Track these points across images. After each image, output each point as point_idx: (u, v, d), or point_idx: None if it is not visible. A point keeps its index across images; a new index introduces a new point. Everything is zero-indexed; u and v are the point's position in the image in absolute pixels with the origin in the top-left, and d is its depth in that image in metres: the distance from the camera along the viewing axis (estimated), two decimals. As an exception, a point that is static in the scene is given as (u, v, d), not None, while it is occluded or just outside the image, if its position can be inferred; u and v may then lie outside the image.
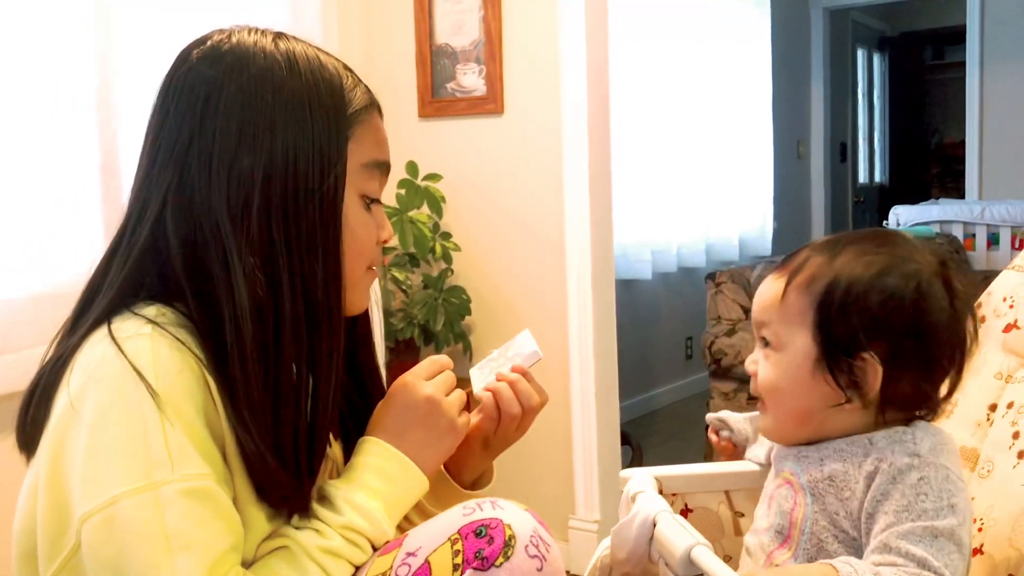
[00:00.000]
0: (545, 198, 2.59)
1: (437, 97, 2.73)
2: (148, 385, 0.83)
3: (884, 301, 0.94)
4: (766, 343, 1.02)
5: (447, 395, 1.04)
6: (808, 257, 1.00)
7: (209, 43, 0.95)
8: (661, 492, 1.13)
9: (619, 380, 2.70)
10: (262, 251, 0.90)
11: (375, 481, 0.96)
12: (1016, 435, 1.13)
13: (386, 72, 2.80)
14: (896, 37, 8.14)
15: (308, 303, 0.91)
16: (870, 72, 7.84)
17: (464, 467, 1.16)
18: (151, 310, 0.88)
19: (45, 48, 1.87)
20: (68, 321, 0.95)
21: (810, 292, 0.97)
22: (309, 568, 0.89)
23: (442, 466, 1.13)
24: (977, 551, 1.06)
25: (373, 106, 1.00)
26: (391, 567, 0.91)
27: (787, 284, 1.00)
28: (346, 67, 1.01)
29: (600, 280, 2.57)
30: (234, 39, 0.95)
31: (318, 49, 0.99)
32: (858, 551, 0.93)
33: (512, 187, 2.64)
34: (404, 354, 2.61)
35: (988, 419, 1.18)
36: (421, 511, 1.11)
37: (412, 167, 2.64)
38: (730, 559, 1.16)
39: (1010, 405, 1.16)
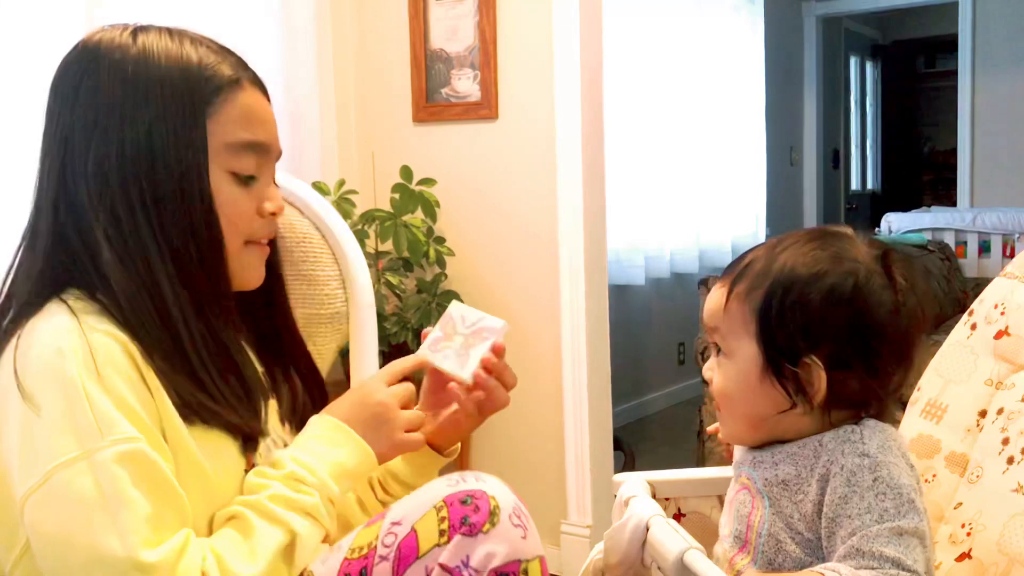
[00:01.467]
0: (539, 203, 2.60)
1: (432, 102, 2.73)
2: (68, 363, 0.85)
3: (822, 305, 0.94)
4: (719, 350, 1.03)
5: (402, 407, 1.07)
6: (748, 264, 1.00)
7: (76, 46, 1.00)
8: (654, 496, 1.13)
9: (611, 385, 2.71)
10: (131, 234, 0.94)
11: (316, 445, 1.00)
12: (1006, 441, 1.14)
13: (381, 77, 2.80)
14: (889, 45, 8.17)
15: (187, 277, 0.95)
16: (863, 80, 7.87)
17: (444, 441, 1.21)
18: (66, 295, 0.92)
19: (45, 51, 1.87)
20: None
21: (750, 301, 0.97)
22: (257, 525, 0.91)
23: None
24: (966, 556, 1.06)
25: (237, 84, 1.00)
26: (377, 537, 0.92)
27: (728, 293, 0.99)
28: (216, 48, 1.02)
29: (593, 285, 2.58)
30: (94, 39, 0.99)
31: (184, 34, 1.01)
32: (814, 551, 0.94)
33: (506, 192, 2.65)
34: (398, 358, 2.60)
35: (978, 425, 1.19)
36: (403, 484, 1.18)
37: (406, 171, 2.64)
38: (722, 563, 1.17)
39: (1000, 411, 1.17)
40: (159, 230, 0.94)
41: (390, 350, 2.55)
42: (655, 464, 3.43)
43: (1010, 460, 1.11)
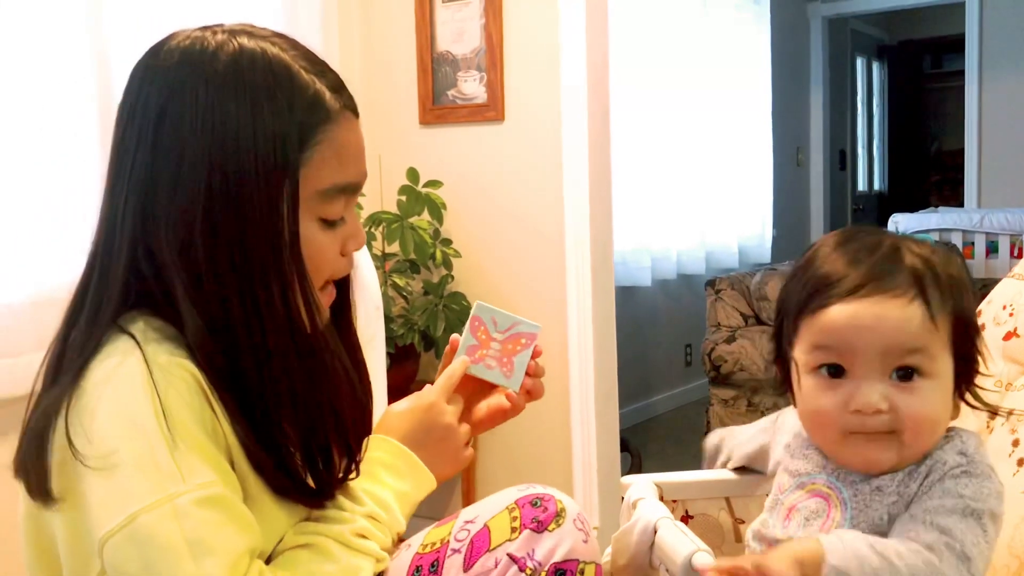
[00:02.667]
0: (545, 205, 2.60)
1: (438, 104, 2.73)
2: (145, 405, 0.83)
3: (973, 306, 0.97)
4: (908, 374, 0.92)
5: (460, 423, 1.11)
6: (913, 267, 0.93)
7: (161, 55, 0.91)
8: (662, 499, 1.13)
9: (618, 386, 2.71)
10: (212, 280, 0.88)
11: (387, 476, 1.03)
12: (1016, 443, 1.14)
13: (387, 79, 2.80)
14: (895, 46, 8.16)
15: (265, 330, 0.89)
16: (869, 80, 7.86)
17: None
18: (139, 326, 0.88)
19: (44, 52, 1.87)
20: (55, 343, 0.93)
21: (946, 314, 0.93)
22: (337, 553, 0.93)
23: None
24: (977, 558, 1.06)
25: (330, 119, 0.92)
26: (450, 533, 0.98)
27: (927, 307, 0.92)
28: (304, 71, 0.92)
29: (600, 286, 2.58)
30: (179, 47, 0.91)
31: (284, 50, 0.93)
32: None
33: (512, 194, 2.65)
34: (404, 360, 2.61)
35: (988, 427, 1.19)
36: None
37: (413, 174, 2.65)
38: (730, 566, 1.16)
39: (1010, 413, 1.16)
40: (244, 283, 0.88)
41: (396, 351, 2.56)
42: (662, 466, 3.42)
43: (1020, 462, 1.11)
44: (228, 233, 0.88)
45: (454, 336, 1.17)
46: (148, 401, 0.83)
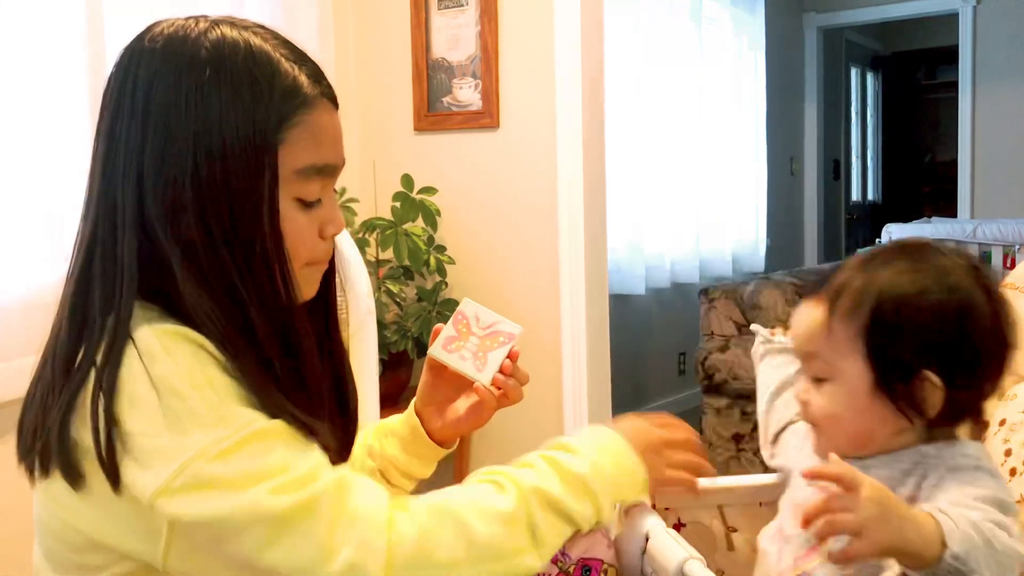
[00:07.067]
0: (540, 212, 2.60)
1: (433, 111, 2.73)
2: (163, 366, 0.83)
3: (932, 320, 0.93)
4: (816, 376, 1.01)
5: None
6: (845, 281, 0.98)
7: (144, 45, 0.93)
8: (654, 506, 1.13)
9: (612, 394, 2.70)
10: (206, 255, 0.90)
11: (611, 467, 1.00)
12: (1008, 452, 1.14)
13: (382, 86, 2.80)
14: (889, 56, 8.19)
15: (263, 299, 0.92)
16: (863, 91, 7.89)
17: (452, 435, 1.21)
18: (153, 314, 0.89)
19: (38, 53, 1.87)
20: (57, 337, 0.92)
21: (855, 319, 0.96)
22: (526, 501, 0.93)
23: (421, 426, 1.18)
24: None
25: (307, 104, 0.95)
26: None
27: (830, 313, 0.98)
28: (284, 59, 0.94)
29: (594, 294, 2.58)
30: (161, 36, 0.92)
31: (265, 39, 0.94)
32: None
33: (507, 201, 2.65)
34: (397, 367, 2.60)
35: (982, 437, 1.19)
36: (404, 472, 1.19)
37: (407, 180, 2.65)
38: (723, 573, 1.16)
39: (1002, 423, 1.17)
40: (233, 256, 0.90)
41: (390, 358, 2.55)
42: (655, 474, 3.41)
43: (1012, 472, 1.11)
44: (216, 210, 0.90)
45: (437, 325, 1.16)
46: (173, 360, 0.84)
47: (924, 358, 0.94)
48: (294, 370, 0.94)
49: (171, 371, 0.84)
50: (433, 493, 0.93)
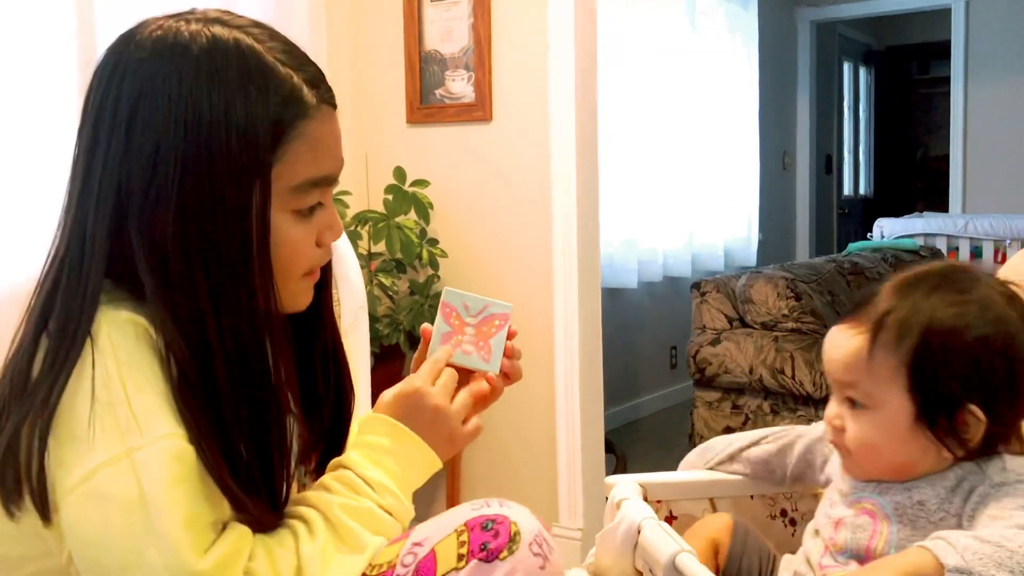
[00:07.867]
0: (532, 205, 2.59)
1: (426, 103, 2.73)
2: (107, 360, 0.81)
3: (979, 355, 0.94)
4: (852, 401, 1.00)
5: (451, 401, 1.03)
6: (888, 310, 0.97)
7: (133, 45, 0.88)
8: (646, 499, 1.13)
9: (604, 388, 2.71)
10: (183, 277, 0.86)
11: (392, 463, 0.98)
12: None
13: (374, 78, 2.80)
14: (882, 51, 8.20)
15: (224, 326, 0.87)
16: (856, 85, 7.90)
17: None
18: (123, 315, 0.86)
19: (26, 45, 1.85)
20: (17, 355, 0.88)
21: (899, 351, 0.95)
22: (357, 534, 0.91)
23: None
24: None
25: (305, 115, 0.90)
26: (398, 556, 0.91)
27: (872, 342, 0.97)
28: (280, 64, 0.89)
29: (586, 288, 2.58)
30: (151, 36, 0.88)
31: (260, 41, 0.90)
32: None
33: (499, 194, 2.65)
34: (389, 360, 2.60)
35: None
36: None
37: (400, 173, 2.64)
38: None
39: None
40: (212, 273, 0.86)
41: (381, 351, 2.55)
42: (647, 467, 3.42)
43: (1002, 465, 1.11)
44: (200, 230, 0.86)
45: (425, 325, 1.12)
46: (110, 354, 0.82)
47: (968, 392, 0.94)
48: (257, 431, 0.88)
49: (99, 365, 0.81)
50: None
